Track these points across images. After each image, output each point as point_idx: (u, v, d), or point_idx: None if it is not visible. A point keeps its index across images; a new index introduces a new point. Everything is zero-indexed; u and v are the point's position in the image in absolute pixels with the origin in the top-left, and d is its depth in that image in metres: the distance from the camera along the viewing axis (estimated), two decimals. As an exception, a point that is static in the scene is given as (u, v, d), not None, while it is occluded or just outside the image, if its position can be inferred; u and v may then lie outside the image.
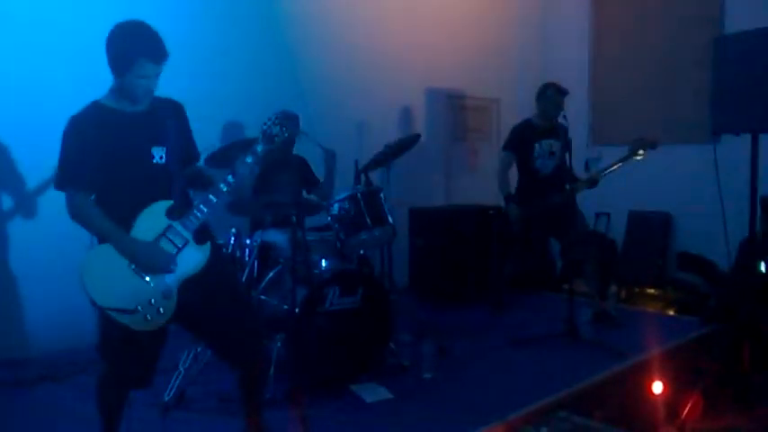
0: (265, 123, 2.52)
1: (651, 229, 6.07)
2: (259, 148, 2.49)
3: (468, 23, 6.47)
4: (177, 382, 3.25)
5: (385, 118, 5.70)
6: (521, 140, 4.78)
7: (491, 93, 6.68)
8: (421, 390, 3.49)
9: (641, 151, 4.30)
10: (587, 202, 4.82)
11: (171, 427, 3.02)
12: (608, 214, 6.32)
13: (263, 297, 3.65)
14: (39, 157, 3.63)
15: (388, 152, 4.02)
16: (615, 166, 4.37)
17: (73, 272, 2.33)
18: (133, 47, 2.32)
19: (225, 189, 2.42)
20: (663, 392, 3.53)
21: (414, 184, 5.89)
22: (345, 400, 3.31)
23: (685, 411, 3.34)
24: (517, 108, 6.58)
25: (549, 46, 6.91)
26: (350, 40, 5.50)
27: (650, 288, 5.74)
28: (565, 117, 4.38)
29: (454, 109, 6.48)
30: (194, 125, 2.69)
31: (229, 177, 2.43)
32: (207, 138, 4.16)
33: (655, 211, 6.05)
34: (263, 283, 3.68)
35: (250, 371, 2.67)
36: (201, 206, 2.41)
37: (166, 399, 3.19)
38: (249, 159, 2.46)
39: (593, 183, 4.45)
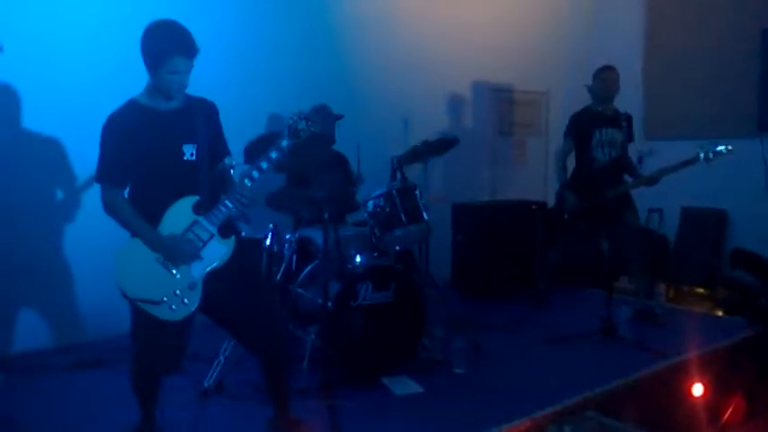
0: (291, 118, 2.54)
1: (705, 226, 5.85)
2: (284, 143, 2.53)
3: (517, 16, 6.39)
4: (218, 369, 3.39)
5: (430, 112, 5.70)
6: (580, 127, 4.64)
7: (539, 86, 6.59)
8: (451, 384, 3.52)
9: (711, 155, 4.12)
10: (640, 197, 4.71)
11: (205, 412, 3.14)
12: (660, 210, 6.14)
13: (299, 290, 3.74)
14: (89, 153, 3.81)
15: (424, 149, 4.04)
16: (678, 168, 4.22)
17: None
18: (163, 44, 2.42)
19: (250, 184, 2.50)
20: (703, 395, 3.44)
21: (458, 179, 5.88)
22: (376, 393, 3.36)
23: (726, 414, 3.25)
24: (567, 101, 6.50)
25: (601, 38, 6.73)
26: (396, 34, 5.54)
27: (700, 287, 5.53)
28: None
29: (500, 103, 6.42)
30: (239, 120, 2.75)
31: (254, 173, 2.50)
32: (253, 132, 4.35)
33: (709, 207, 5.84)
34: (301, 277, 3.78)
35: (269, 362, 2.76)
36: (227, 201, 2.50)
37: (206, 385, 3.33)
38: (274, 155, 2.52)
39: (652, 181, 4.37)
